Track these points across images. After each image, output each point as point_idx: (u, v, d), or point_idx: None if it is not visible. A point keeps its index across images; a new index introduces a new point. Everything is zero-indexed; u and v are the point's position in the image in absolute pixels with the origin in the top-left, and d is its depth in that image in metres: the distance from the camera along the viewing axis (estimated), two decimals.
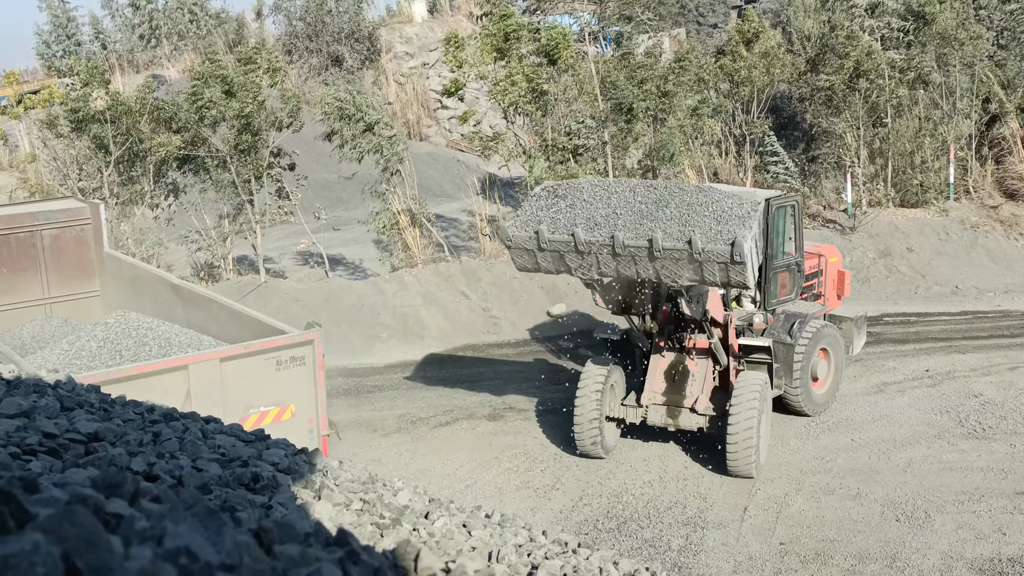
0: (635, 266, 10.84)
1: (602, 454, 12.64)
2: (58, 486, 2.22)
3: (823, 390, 13.93)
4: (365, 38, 36.62)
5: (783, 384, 13.23)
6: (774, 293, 13.39)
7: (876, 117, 23.43)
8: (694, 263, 10.44)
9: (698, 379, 12.68)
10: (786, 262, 13.49)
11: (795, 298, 13.74)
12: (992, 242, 22.15)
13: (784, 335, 13.10)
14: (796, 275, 13.68)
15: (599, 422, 12.46)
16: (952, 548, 10.09)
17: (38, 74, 38.80)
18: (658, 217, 10.68)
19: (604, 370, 12.74)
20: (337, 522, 3.63)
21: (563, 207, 11.21)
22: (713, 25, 37.99)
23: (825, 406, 13.90)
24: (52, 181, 21.01)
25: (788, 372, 13.21)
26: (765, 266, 12.81)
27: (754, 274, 10.64)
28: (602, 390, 12.55)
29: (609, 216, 10.91)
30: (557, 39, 20.02)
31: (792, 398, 13.47)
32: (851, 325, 14.66)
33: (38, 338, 11.88)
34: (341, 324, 17.69)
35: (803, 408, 13.58)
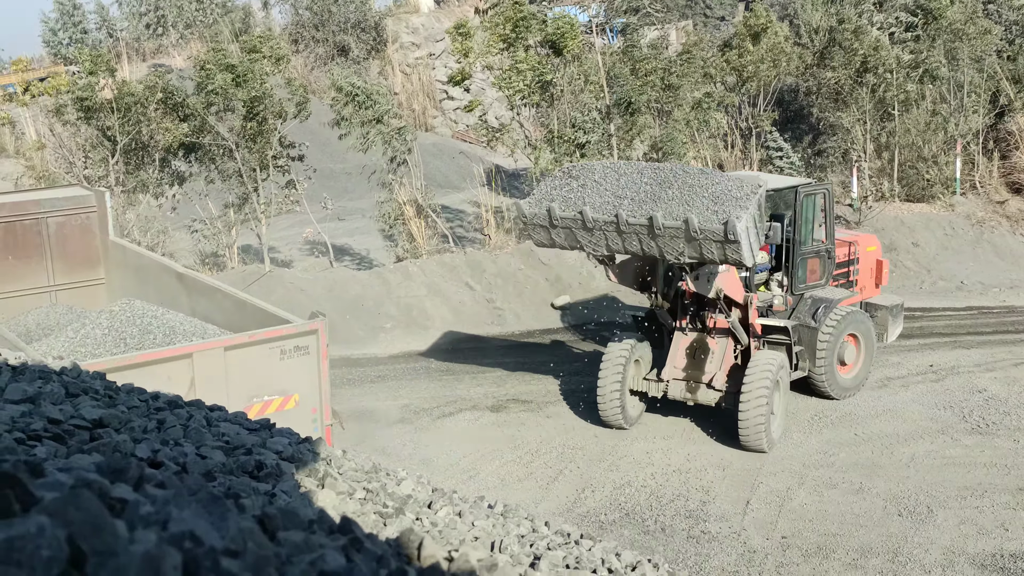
0: (639, 243, 11.42)
1: (624, 424, 13.25)
2: (63, 471, 2.22)
3: (851, 375, 14.25)
4: (371, 28, 36.58)
5: (807, 366, 13.68)
6: (802, 278, 13.85)
7: (883, 111, 23.36)
8: (693, 241, 10.98)
9: (717, 356, 13.17)
10: (816, 248, 13.96)
11: (825, 284, 14.13)
12: (998, 237, 22.09)
13: (808, 319, 13.61)
14: (827, 262, 14.11)
15: (620, 393, 13.09)
16: (954, 543, 10.10)
17: (44, 62, 38.82)
18: (661, 197, 11.24)
19: (628, 344, 13.38)
20: (340, 511, 3.64)
21: (575, 187, 11.87)
22: (720, 18, 37.87)
23: (853, 391, 14.20)
24: (58, 169, 21.03)
25: (812, 355, 13.64)
26: (792, 251, 13.59)
27: (752, 254, 11.07)
28: (625, 363, 13.16)
29: (616, 196, 11.51)
30: (564, 29, 19.99)
31: (817, 381, 13.86)
32: (886, 313, 15.02)
33: (43, 325, 11.90)
34: (345, 314, 17.71)
35: (829, 391, 13.95)
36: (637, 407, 13.59)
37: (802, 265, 13.81)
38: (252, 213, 19.45)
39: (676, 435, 13.10)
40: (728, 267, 12.13)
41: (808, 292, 13.89)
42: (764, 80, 24.10)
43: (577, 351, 16.79)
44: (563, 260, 19.92)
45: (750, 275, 13.23)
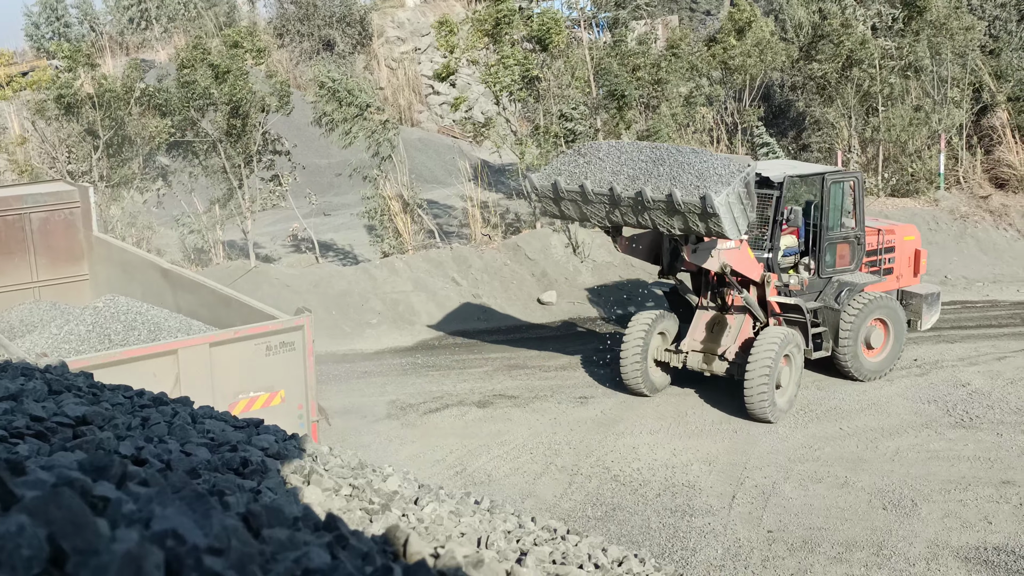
0: (634, 215, 12.29)
1: (645, 391, 14.12)
2: (45, 469, 2.21)
3: (878, 358, 14.70)
4: (357, 22, 36.47)
5: (830, 346, 14.30)
6: (830, 262, 14.47)
7: (868, 106, 23.45)
8: (678, 214, 11.79)
9: (732, 331, 13.91)
10: (844, 234, 14.55)
11: (855, 269, 14.69)
12: (981, 232, 22.22)
13: (832, 301, 14.26)
14: (856, 247, 14.65)
15: (642, 361, 13.96)
16: (938, 536, 10.16)
17: (27, 55, 38.52)
18: (653, 173, 12.12)
19: (652, 316, 14.28)
20: (326, 507, 3.63)
21: (581, 163, 12.86)
22: (706, 12, 37.93)
23: (879, 374, 14.66)
24: (41, 164, 20.88)
25: (834, 336, 14.26)
26: (820, 236, 14.26)
27: (736, 228, 11.79)
28: (647, 332, 14.04)
29: (614, 172, 12.43)
30: (549, 24, 19.97)
31: (841, 361, 14.38)
32: (920, 301, 15.50)
33: (26, 322, 11.82)
34: (331, 310, 17.67)
35: (853, 373, 14.45)
36: (661, 378, 14.40)
37: (830, 250, 14.41)
38: (237, 209, 19.37)
39: (662, 430, 13.14)
40: (738, 245, 12.93)
41: (836, 276, 14.43)
42: (750, 74, 24.15)
43: (564, 346, 16.80)
44: (549, 256, 19.93)
45: (774, 256, 13.94)
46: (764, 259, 13.79)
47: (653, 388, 14.22)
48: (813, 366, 14.57)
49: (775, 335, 13.27)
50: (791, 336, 13.47)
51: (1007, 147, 24.12)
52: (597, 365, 15.75)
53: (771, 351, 12.99)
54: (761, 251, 13.88)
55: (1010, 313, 18.29)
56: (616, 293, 19.43)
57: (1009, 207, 23.04)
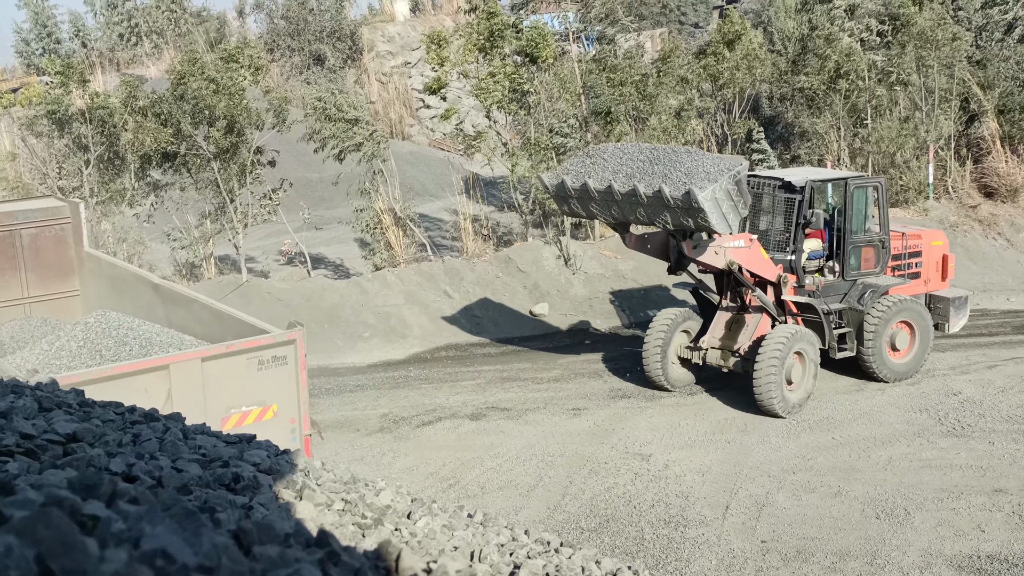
0: (633, 211, 12.92)
1: (666, 385, 14.81)
2: (35, 487, 2.20)
3: (903, 360, 15.06)
4: (347, 37, 36.57)
5: (854, 346, 14.72)
6: (855, 265, 14.96)
7: (856, 117, 23.56)
8: (669, 209, 12.33)
9: (749, 329, 14.43)
10: (868, 238, 15.06)
11: (880, 272, 15.14)
12: (971, 241, 22.31)
13: (855, 302, 14.68)
14: (880, 251, 15.13)
15: (661, 354, 14.67)
16: (931, 545, 10.16)
17: (17, 72, 38.49)
18: (648, 172, 12.75)
19: (675, 313, 15.04)
20: (318, 522, 3.62)
21: (587, 163, 13.61)
22: (695, 24, 38.11)
23: (905, 376, 15.01)
24: (32, 180, 20.84)
25: (859, 336, 14.67)
26: (844, 240, 14.77)
27: (725, 223, 12.32)
28: (668, 328, 14.77)
29: (615, 171, 13.11)
30: (537, 40, 20.04)
31: (866, 362, 14.77)
32: (947, 305, 15.82)
33: (17, 338, 11.77)
34: (323, 323, 17.64)
35: (877, 373, 14.82)
36: (683, 374, 15.02)
37: (854, 253, 14.90)
38: (228, 223, 19.35)
39: (655, 440, 13.13)
40: (748, 244, 13.64)
41: (860, 279, 14.87)
42: (740, 86, 24.24)
43: (556, 358, 16.80)
44: (541, 268, 19.95)
45: (797, 258, 14.52)
46: (787, 261, 14.41)
47: (673, 383, 14.86)
48: (840, 367, 14.97)
49: (784, 332, 13.76)
50: (803, 334, 13.94)
51: (996, 156, 24.25)
52: (590, 377, 15.74)
53: (779, 347, 13.50)
54: (784, 253, 14.51)
55: (1000, 322, 18.36)
56: (608, 305, 19.45)
57: (998, 216, 23.15)
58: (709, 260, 13.57)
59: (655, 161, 12.91)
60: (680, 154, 13.03)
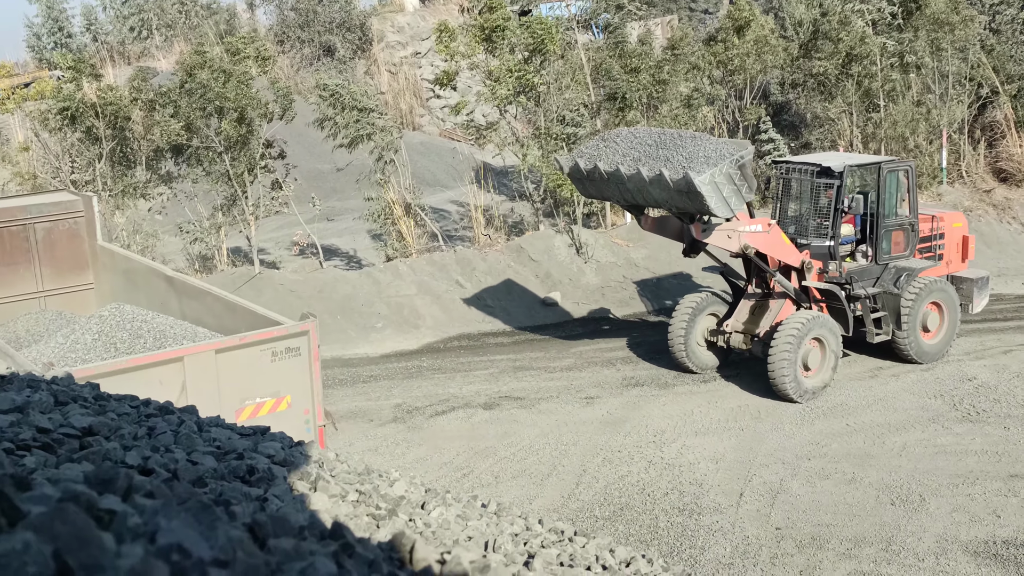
0: (641, 194, 13.14)
1: (691, 367, 15.05)
2: (52, 482, 2.22)
3: (934, 341, 15.23)
4: (357, 27, 36.51)
5: (890, 330, 14.83)
6: (887, 249, 15.01)
7: (869, 102, 23.41)
8: (672, 191, 12.49)
9: (771, 314, 14.55)
10: (899, 222, 15.12)
11: (909, 255, 15.22)
12: (985, 226, 22.17)
13: (891, 286, 14.76)
14: (910, 234, 15.21)
15: (685, 336, 14.91)
16: (947, 531, 10.14)
17: (29, 66, 38.63)
18: (653, 155, 12.97)
19: (701, 296, 15.30)
20: (333, 514, 3.64)
21: (602, 146, 13.88)
22: (704, 11, 37.89)
23: (936, 356, 15.15)
24: (45, 174, 20.93)
25: (896, 320, 14.75)
26: (876, 224, 14.82)
27: (726, 207, 12.46)
28: (693, 311, 15.00)
29: (623, 154, 13.33)
30: (543, 36, 19.95)
31: (902, 345, 14.92)
32: (971, 285, 15.96)
33: (33, 332, 11.85)
34: (336, 314, 17.69)
35: (913, 356, 14.94)
36: (708, 356, 15.20)
37: (886, 237, 14.93)
38: (241, 215, 19.40)
39: (669, 429, 13.13)
40: (767, 228, 13.77)
41: (892, 262, 14.94)
42: (750, 73, 24.11)
43: (568, 347, 16.80)
44: (553, 257, 19.94)
45: (835, 244, 14.52)
46: (827, 247, 14.44)
47: (698, 364, 15.07)
48: (875, 351, 15.14)
49: (800, 318, 13.83)
50: (820, 320, 13.98)
51: (1010, 141, 24.06)
52: (603, 365, 15.74)
53: (793, 332, 13.59)
54: (823, 239, 14.52)
55: (1015, 307, 18.26)
56: (620, 293, 19.43)
57: (1012, 200, 22.99)
58: (722, 243, 13.69)
59: (661, 145, 13.10)
60: (686, 138, 13.21)
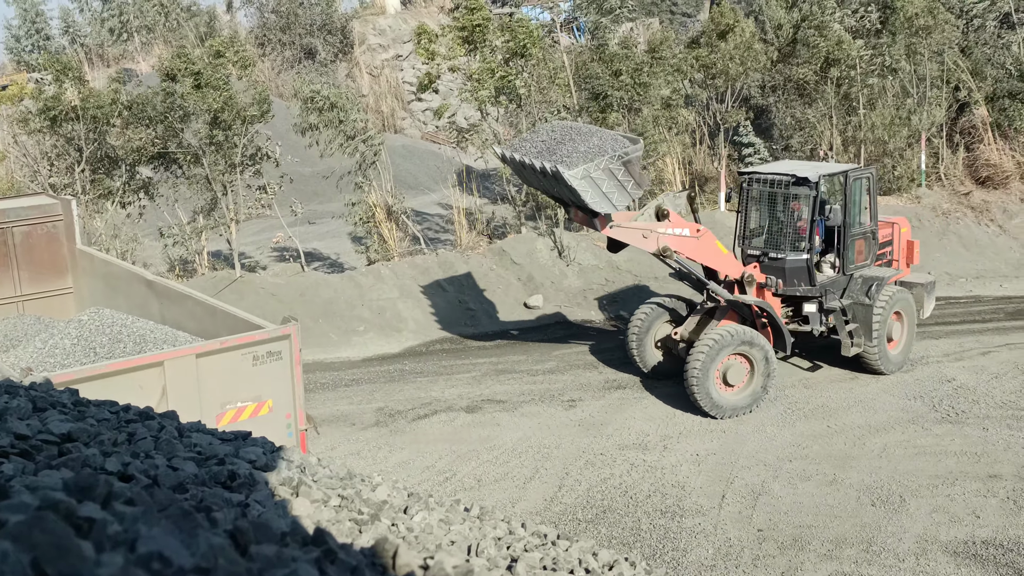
0: (551, 186, 13.05)
1: (640, 366, 14.97)
2: (30, 489, 2.20)
3: (897, 351, 14.95)
4: (338, 30, 36.44)
5: (862, 343, 14.44)
6: (851, 259, 14.69)
7: (848, 106, 23.56)
8: (560, 185, 12.47)
9: (711, 326, 14.17)
10: (862, 230, 14.83)
11: (870, 263, 14.95)
12: (963, 228, 22.36)
13: (862, 296, 14.40)
14: (871, 242, 15.00)
15: (637, 339, 14.83)
16: (927, 531, 10.21)
17: (7, 69, 38.31)
18: (554, 149, 12.90)
19: (660, 300, 15.14)
20: (315, 519, 3.62)
21: (529, 137, 13.93)
22: (685, 14, 38.04)
23: (899, 366, 14.88)
24: (23, 177, 20.76)
25: (867, 331, 14.37)
26: (844, 233, 14.46)
27: (611, 204, 12.40)
28: (648, 315, 14.89)
29: (534, 146, 13.34)
30: (525, 40, 19.98)
31: (871, 358, 14.56)
32: (921, 290, 15.69)
33: (11, 336, 11.73)
34: (318, 318, 17.63)
35: (880, 367, 14.63)
36: (665, 361, 14.95)
37: (851, 246, 14.64)
38: (221, 219, 19.30)
39: (651, 432, 13.15)
40: (697, 234, 13.42)
41: (857, 272, 14.65)
42: (732, 76, 24.23)
43: (551, 350, 16.81)
44: (535, 260, 19.94)
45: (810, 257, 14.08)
46: (803, 260, 14.13)
47: (645, 364, 14.91)
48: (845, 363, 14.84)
49: (718, 332, 13.41)
50: (743, 335, 13.43)
51: (987, 144, 24.27)
52: (585, 368, 15.76)
53: (707, 346, 13.22)
54: (799, 252, 14.17)
55: (993, 308, 18.41)
56: (602, 295, 19.46)
57: (990, 203, 23.20)
58: (636, 242, 13.37)
59: (567, 139, 13.01)
60: (584, 133, 13.14)
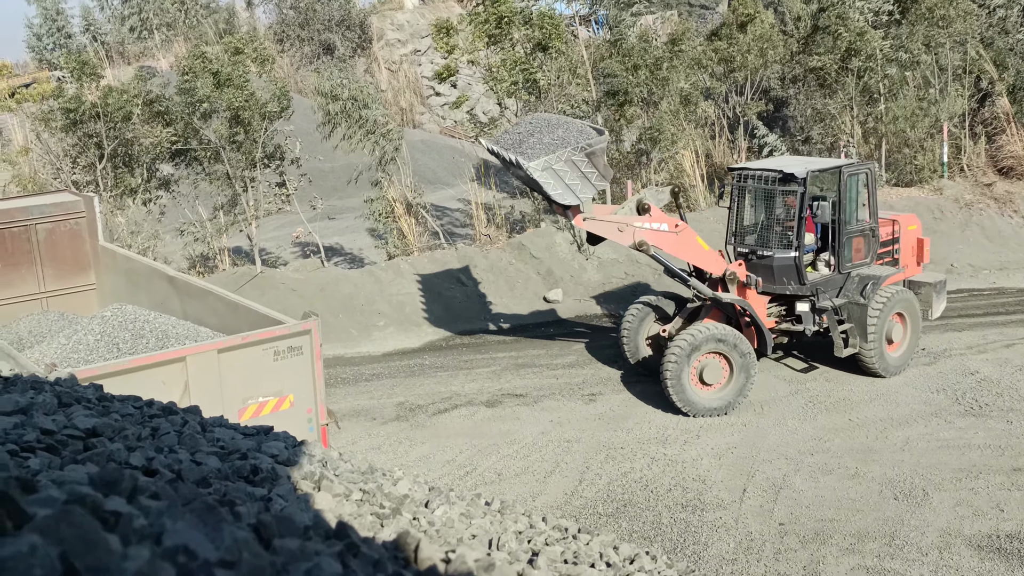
0: (525, 176, 12.86)
1: (629, 359, 14.90)
2: (57, 484, 2.22)
3: (898, 353, 14.54)
4: (356, 25, 36.49)
5: (857, 343, 14.08)
6: (848, 257, 14.25)
7: (869, 97, 23.38)
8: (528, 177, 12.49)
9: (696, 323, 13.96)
10: (860, 228, 14.38)
11: (870, 262, 14.54)
12: (986, 220, 22.15)
13: (857, 296, 14.07)
14: (871, 240, 14.53)
15: (629, 336, 14.76)
16: (950, 525, 10.15)
17: (29, 67, 38.62)
18: (526, 141, 12.89)
19: (652, 298, 15.03)
20: (337, 513, 3.64)
21: (511, 130, 13.91)
22: (703, 7, 37.85)
23: (900, 369, 14.46)
24: (45, 175, 20.93)
25: (863, 332, 14.03)
26: (838, 231, 14.05)
27: (575, 196, 12.42)
28: (640, 311, 14.78)
29: (511, 136, 13.36)
30: (549, 29, 19.96)
31: (867, 359, 14.17)
32: (930, 290, 15.25)
33: (35, 333, 11.86)
34: (338, 313, 17.70)
35: (877, 369, 14.23)
36: (648, 354, 14.79)
37: (847, 244, 14.21)
38: (242, 215, 19.39)
39: (671, 425, 13.13)
40: (674, 230, 13.33)
41: (855, 271, 14.29)
42: (752, 68, 24.09)
43: (570, 344, 16.80)
44: (554, 254, 19.93)
45: (799, 255, 13.73)
46: (791, 258, 13.76)
47: (635, 357, 14.82)
48: (839, 364, 14.53)
49: (694, 330, 13.26)
50: (719, 334, 13.20)
51: (1009, 135, 24.03)
52: (605, 362, 15.74)
53: (680, 345, 13.11)
54: (788, 250, 13.80)
55: (1017, 300, 18.24)
56: (622, 289, 19.42)
57: (1014, 194, 22.97)
58: (611, 235, 13.28)
59: (538, 131, 13.00)
60: (558, 125, 13.13)
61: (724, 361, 13.33)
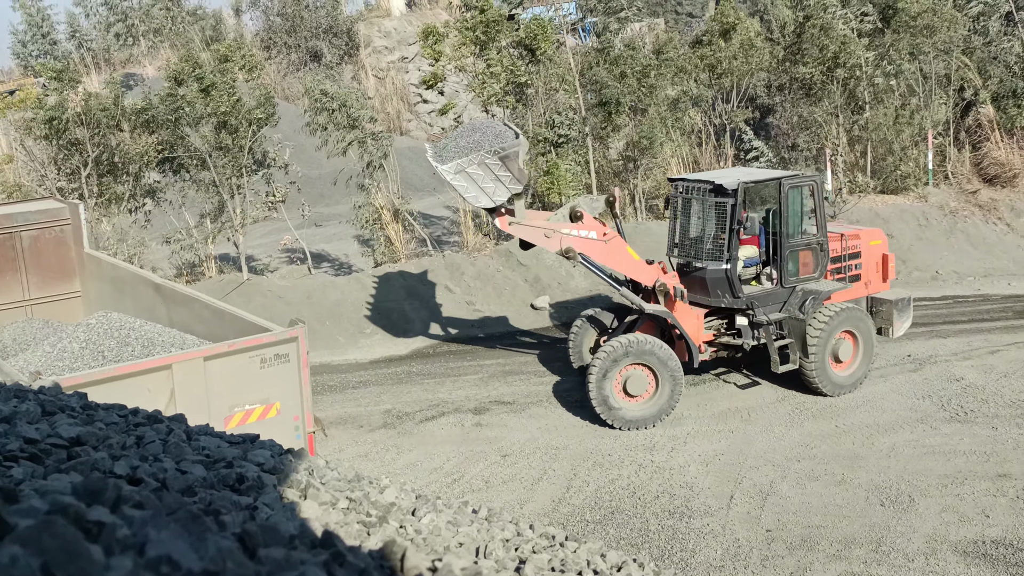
0: None
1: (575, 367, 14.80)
2: (40, 493, 2.20)
3: (847, 372, 14.11)
4: (343, 33, 36.48)
5: (796, 359, 13.73)
6: (793, 271, 13.89)
7: (854, 105, 23.51)
8: None
9: None
10: (806, 241, 13.98)
11: (819, 277, 14.13)
12: (971, 227, 22.29)
13: (796, 311, 13.71)
14: (819, 254, 14.08)
15: (574, 348, 14.74)
16: (936, 531, 10.18)
17: (14, 74, 38.44)
18: (461, 144, 12.83)
19: (597, 311, 14.90)
20: (323, 522, 3.63)
21: (450, 135, 13.98)
22: (689, 14, 38.02)
23: (849, 389, 14.05)
24: (30, 182, 20.82)
25: (802, 347, 13.65)
26: (780, 244, 13.68)
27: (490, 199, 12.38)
28: (582, 325, 14.77)
29: (448, 142, 13.33)
30: (537, 32, 20.01)
31: (808, 376, 13.81)
32: (891, 307, 14.85)
33: (19, 340, 11.79)
34: (325, 320, 17.65)
35: (819, 387, 13.84)
36: None
37: (791, 258, 13.85)
38: (228, 222, 19.34)
39: (658, 432, 13.14)
40: (603, 238, 13.23)
41: (800, 285, 13.95)
42: (737, 75, 24.20)
43: (558, 352, 16.80)
44: (542, 261, 19.95)
45: (732, 267, 13.37)
46: (723, 270, 13.49)
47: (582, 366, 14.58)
48: (781, 380, 14.26)
49: (616, 342, 13.11)
50: (644, 345, 13.05)
51: (994, 142, 24.20)
52: None
53: (602, 356, 13.02)
54: (720, 263, 13.52)
55: (1002, 307, 18.35)
56: (609, 297, 19.44)
57: (998, 201, 23.13)
58: (538, 241, 13.24)
59: (463, 135, 13.07)
60: (476, 128, 13.21)
61: (650, 373, 13.15)
